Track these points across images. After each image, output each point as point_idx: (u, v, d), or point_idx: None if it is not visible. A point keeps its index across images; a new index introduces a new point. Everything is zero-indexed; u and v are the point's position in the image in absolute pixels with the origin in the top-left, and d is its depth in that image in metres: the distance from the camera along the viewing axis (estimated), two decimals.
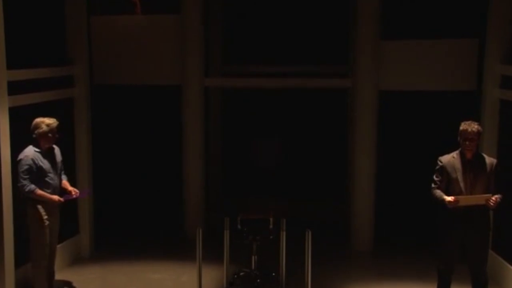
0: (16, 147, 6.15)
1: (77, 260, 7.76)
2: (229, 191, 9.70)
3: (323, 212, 9.28)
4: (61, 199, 6.32)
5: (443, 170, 5.75)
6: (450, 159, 5.76)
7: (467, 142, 5.58)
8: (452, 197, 5.60)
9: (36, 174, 6.11)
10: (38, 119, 6.19)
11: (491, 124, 7.18)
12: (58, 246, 6.75)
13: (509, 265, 6.71)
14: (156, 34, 8.52)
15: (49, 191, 6.19)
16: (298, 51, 9.14)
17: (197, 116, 8.51)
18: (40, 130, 6.13)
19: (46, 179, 6.19)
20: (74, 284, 7.00)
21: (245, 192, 8.82)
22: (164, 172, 9.55)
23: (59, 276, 6.86)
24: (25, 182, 6.04)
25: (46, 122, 6.18)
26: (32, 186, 6.06)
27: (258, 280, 6.94)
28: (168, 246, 8.38)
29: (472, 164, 5.68)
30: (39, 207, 6.15)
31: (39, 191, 6.10)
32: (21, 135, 6.23)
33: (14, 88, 6.25)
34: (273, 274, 7.08)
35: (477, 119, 6.96)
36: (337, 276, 7.38)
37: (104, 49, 8.51)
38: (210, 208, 9.25)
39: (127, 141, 9.62)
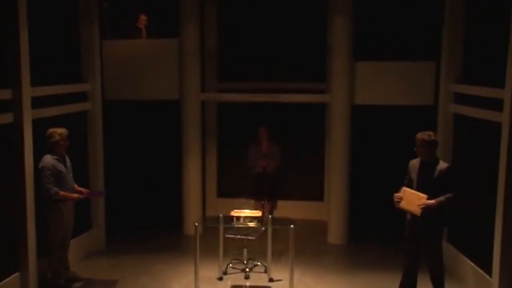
0: (39, 153, 6.54)
1: (90, 252, 7.98)
2: (224, 192, 9.92)
3: (305, 210, 9.66)
4: (80, 196, 6.67)
5: (407, 171, 6.15)
6: (414, 161, 6.09)
7: (415, 148, 6.00)
8: (397, 194, 5.94)
9: (57, 178, 6.49)
10: (51, 130, 6.52)
11: (446, 134, 7.53)
12: (74, 239, 7.16)
13: (463, 256, 7.10)
14: (158, 56, 8.82)
15: (68, 191, 6.62)
16: (283, 70, 9.42)
17: (195, 127, 8.78)
18: (54, 139, 6.50)
19: (65, 181, 6.60)
20: (89, 273, 7.23)
21: (238, 193, 8.66)
22: (165, 176, 9.91)
23: (74, 267, 7.19)
24: (49, 186, 6.43)
25: (58, 131, 6.54)
26: (56, 189, 6.47)
27: (248, 270, 7.27)
28: (170, 241, 8.59)
29: (427, 167, 5.94)
30: (60, 206, 6.56)
31: (62, 192, 6.51)
32: (43, 143, 6.59)
33: (37, 102, 6.63)
34: (261, 264, 7.37)
35: (434, 130, 7.40)
36: (316, 265, 7.68)
37: (114, 69, 8.75)
38: (206, 207, 9.57)
39: (134, 149, 10.00)
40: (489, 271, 6.41)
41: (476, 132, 7.00)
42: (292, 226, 6.75)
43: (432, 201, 5.88)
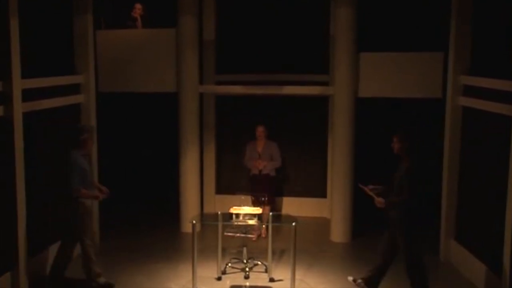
0: (31, 148, 6.54)
1: None
2: (222, 188, 9.87)
3: (308, 207, 9.60)
4: (101, 195, 6.71)
5: None
6: None
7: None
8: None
9: (81, 175, 6.49)
10: (83, 125, 6.56)
11: (454, 128, 7.50)
12: None
13: (471, 255, 7.10)
14: (155, 46, 8.76)
15: (89, 189, 6.62)
16: (284, 61, 9.37)
17: (193, 120, 8.77)
18: (84, 136, 6.52)
19: (88, 179, 6.63)
20: (83, 272, 6.91)
21: (237, 188, 8.81)
22: (162, 172, 9.89)
23: (70, 266, 7.01)
24: (73, 183, 6.43)
25: (89, 128, 6.63)
26: (79, 187, 6.46)
27: (248, 269, 7.20)
28: (167, 239, 8.59)
29: (399, 164, 6.19)
30: (83, 201, 6.55)
31: (84, 190, 6.51)
32: (36, 138, 6.63)
33: (28, 95, 6.59)
34: (261, 263, 7.30)
35: (442, 124, 7.49)
36: (319, 264, 7.64)
37: (108, 60, 8.74)
38: (204, 204, 9.54)
39: (129, 143, 9.97)
40: (497, 270, 6.37)
41: (485, 125, 6.95)
42: (293, 223, 6.71)
43: (382, 201, 6.17)
